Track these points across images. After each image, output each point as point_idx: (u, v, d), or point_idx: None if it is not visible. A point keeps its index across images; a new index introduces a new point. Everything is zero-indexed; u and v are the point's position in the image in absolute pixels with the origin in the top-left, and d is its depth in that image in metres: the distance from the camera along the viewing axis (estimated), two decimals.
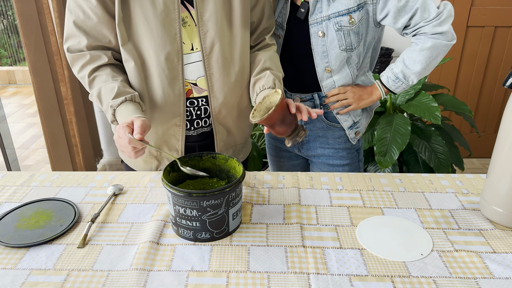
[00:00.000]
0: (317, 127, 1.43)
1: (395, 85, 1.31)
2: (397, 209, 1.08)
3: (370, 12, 1.25)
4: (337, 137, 1.43)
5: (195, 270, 0.88)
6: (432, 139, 1.97)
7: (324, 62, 1.31)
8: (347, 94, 1.34)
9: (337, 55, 1.28)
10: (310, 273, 0.87)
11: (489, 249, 0.93)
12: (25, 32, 2.28)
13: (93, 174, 1.27)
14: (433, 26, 1.19)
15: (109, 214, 1.07)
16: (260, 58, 1.24)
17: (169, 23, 1.10)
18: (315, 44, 1.29)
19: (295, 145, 1.49)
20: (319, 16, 1.26)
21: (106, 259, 0.92)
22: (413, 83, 1.29)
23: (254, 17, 1.23)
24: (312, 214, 1.06)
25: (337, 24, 1.24)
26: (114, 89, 1.09)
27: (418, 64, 1.24)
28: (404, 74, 1.27)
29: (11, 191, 1.18)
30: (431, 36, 1.21)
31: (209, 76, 1.18)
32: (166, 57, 1.12)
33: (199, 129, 1.26)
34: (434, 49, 1.21)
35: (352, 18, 1.23)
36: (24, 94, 5.23)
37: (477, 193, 1.15)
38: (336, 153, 1.45)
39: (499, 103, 3.05)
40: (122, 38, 1.10)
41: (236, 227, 1.01)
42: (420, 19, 1.20)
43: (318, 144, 1.45)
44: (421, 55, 1.23)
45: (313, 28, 1.27)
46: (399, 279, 0.85)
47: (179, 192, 0.92)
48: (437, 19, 1.18)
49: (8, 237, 0.98)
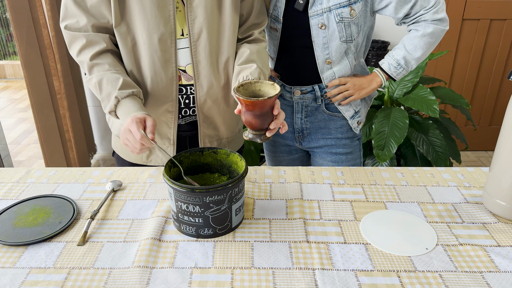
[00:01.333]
0: (318, 119, 1.42)
1: (396, 71, 1.33)
2: (400, 203, 1.08)
3: (368, 2, 1.26)
4: (339, 127, 1.44)
5: (199, 266, 0.87)
6: (430, 132, 1.97)
7: (324, 54, 1.30)
8: (347, 85, 1.35)
9: (338, 47, 1.28)
10: (315, 268, 0.86)
11: (494, 243, 0.93)
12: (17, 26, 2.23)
13: (90, 170, 1.24)
14: (433, 13, 1.24)
15: (109, 211, 1.05)
16: (245, 49, 1.20)
17: (163, 5, 1.09)
18: (315, 36, 1.28)
19: (295, 139, 1.48)
20: (319, 8, 1.25)
21: (107, 256, 0.90)
22: (412, 69, 1.34)
23: (243, 9, 1.21)
24: (315, 209, 1.05)
25: (338, 15, 1.24)
26: (119, 80, 1.08)
27: (419, 50, 1.29)
28: (405, 60, 1.30)
29: (7, 188, 1.16)
30: (431, 23, 1.26)
31: (195, 64, 1.16)
32: (160, 39, 1.11)
33: (187, 117, 1.24)
34: (434, 34, 1.27)
35: (353, 9, 1.24)
36: (14, 88, 5.15)
37: (479, 186, 1.15)
38: (339, 142, 1.45)
39: (494, 96, 3.06)
40: (116, 18, 1.09)
41: (238, 223, 0.99)
42: (420, 7, 1.24)
43: (320, 136, 1.45)
44: (423, 41, 1.27)
45: (314, 20, 1.26)
46: (405, 274, 0.84)
47: (181, 188, 0.90)
48: (435, 7, 1.24)
49: (6, 235, 0.96)
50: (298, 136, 1.47)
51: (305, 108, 1.42)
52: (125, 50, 1.13)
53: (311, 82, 1.38)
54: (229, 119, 1.29)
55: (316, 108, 1.41)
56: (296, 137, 1.48)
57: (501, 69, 2.96)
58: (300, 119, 1.44)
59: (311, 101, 1.40)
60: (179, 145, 1.28)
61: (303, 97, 1.40)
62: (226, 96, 1.24)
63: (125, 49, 1.13)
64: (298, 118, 1.44)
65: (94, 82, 1.10)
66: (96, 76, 1.09)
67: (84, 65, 1.12)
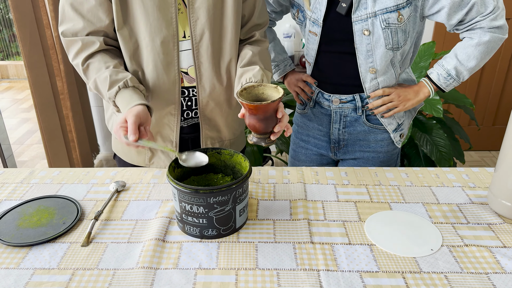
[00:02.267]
0: (357, 130, 1.35)
1: (446, 83, 1.24)
2: (405, 203, 1.07)
3: (418, 8, 1.18)
4: (380, 140, 1.36)
5: (203, 267, 0.87)
6: (434, 132, 1.96)
7: (368, 62, 1.23)
8: (392, 96, 1.27)
9: (383, 55, 1.21)
10: (320, 270, 0.85)
11: (499, 244, 0.93)
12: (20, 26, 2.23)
13: (94, 171, 1.24)
14: (491, 20, 1.14)
15: (113, 211, 1.05)
16: (248, 51, 1.19)
17: (165, 7, 1.08)
18: (359, 42, 1.21)
19: (330, 149, 1.42)
20: (364, 13, 1.17)
21: (111, 257, 0.90)
22: (463, 80, 1.24)
23: (245, 10, 1.20)
24: (319, 210, 1.05)
25: (384, 21, 1.16)
26: (107, 79, 1.06)
27: (473, 60, 1.19)
28: (457, 71, 1.22)
29: (11, 188, 1.16)
30: (488, 30, 1.15)
31: (198, 65, 1.16)
32: (162, 41, 1.11)
33: (189, 119, 1.24)
34: (491, 43, 1.17)
35: (400, 14, 1.15)
36: (17, 89, 5.17)
37: (484, 187, 1.15)
38: (377, 156, 1.38)
39: (498, 95, 3.05)
40: (118, 21, 1.08)
41: (242, 224, 0.99)
42: (477, 13, 1.14)
43: (357, 148, 1.38)
44: (477, 50, 1.18)
45: (357, 25, 1.19)
46: (410, 275, 0.84)
47: (185, 188, 0.90)
48: (493, 13, 1.13)
49: (10, 236, 0.96)
50: (333, 146, 1.41)
51: (343, 118, 1.35)
52: (128, 54, 1.12)
53: (351, 91, 1.30)
54: (231, 120, 1.29)
55: (356, 119, 1.34)
56: (331, 147, 1.42)
57: (504, 68, 2.95)
58: (338, 129, 1.37)
59: (350, 111, 1.33)
60: (182, 148, 1.27)
61: (342, 107, 1.33)
62: (228, 98, 1.24)
63: (128, 52, 1.12)
64: (335, 129, 1.37)
65: (94, 90, 1.11)
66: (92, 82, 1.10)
67: (79, 68, 1.12)
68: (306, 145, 1.48)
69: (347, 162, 1.44)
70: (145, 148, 1.25)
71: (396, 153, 1.43)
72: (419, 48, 2.13)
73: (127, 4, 1.08)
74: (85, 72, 1.11)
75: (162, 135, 1.22)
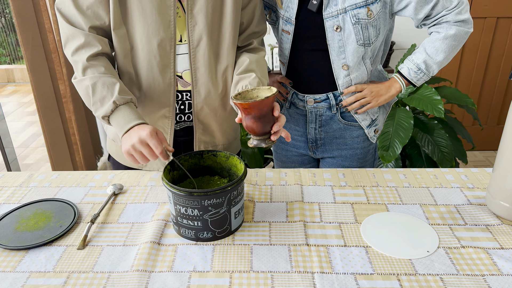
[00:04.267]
0: (333, 128, 1.37)
1: (416, 77, 1.26)
2: (402, 205, 1.07)
3: (387, 4, 1.20)
4: (355, 137, 1.37)
5: (197, 270, 0.87)
6: (435, 132, 1.95)
7: (340, 58, 1.24)
8: (364, 92, 1.28)
9: (355, 50, 1.22)
10: (314, 272, 0.85)
11: (497, 245, 0.92)
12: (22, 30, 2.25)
13: (92, 174, 1.25)
14: (456, 14, 1.18)
15: (109, 214, 1.06)
16: (245, 58, 1.19)
17: (164, 10, 1.08)
18: (330, 39, 1.22)
19: (309, 148, 1.43)
20: (334, 9, 1.19)
21: (106, 260, 0.90)
22: (433, 74, 1.26)
23: (244, 17, 1.20)
24: (315, 212, 1.04)
25: (354, 17, 1.17)
26: (116, 85, 1.05)
27: (441, 53, 1.22)
28: (426, 65, 1.24)
29: (10, 191, 1.17)
30: (454, 24, 1.19)
31: (194, 70, 1.16)
32: (159, 44, 1.10)
33: (182, 123, 1.24)
34: (457, 36, 1.20)
35: (370, 10, 1.17)
36: (23, 92, 5.21)
37: (482, 187, 1.14)
38: (355, 152, 1.39)
39: (502, 94, 3.02)
40: (115, 20, 1.07)
41: (238, 226, 0.99)
42: (442, 8, 1.18)
43: (335, 146, 1.39)
44: (445, 44, 1.21)
45: (328, 22, 1.20)
46: (405, 277, 0.83)
47: (180, 191, 0.90)
48: (458, 7, 1.17)
49: (7, 239, 0.96)
50: (311, 146, 1.42)
51: (319, 118, 1.36)
52: (122, 53, 1.12)
53: (325, 89, 1.32)
54: (226, 126, 1.28)
55: (331, 117, 1.35)
56: (309, 146, 1.42)
57: (508, 67, 2.92)
58: (314, 129, 1.38)
59: (325, 110, 1.34)
60: (175, 151, 1.27)
61: (317, 106, 1.34)
62: (223, 104, 1.23)
63: (123, 52, 1.12)
64: (312, 128, 1.38)
65: (87, 85, 1.06)
66: (91, 78, 1.06)
67: (78, 65, 1.08)
68: (286, 146, 1.49)
69: (326, 160, 1.45)
70: None
71: (373, 148, 1.45)
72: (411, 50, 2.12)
73: (125, 4, 1.08)
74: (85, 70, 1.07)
75: None
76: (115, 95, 1.04)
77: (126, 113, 1.04)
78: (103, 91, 1.05)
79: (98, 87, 1.06)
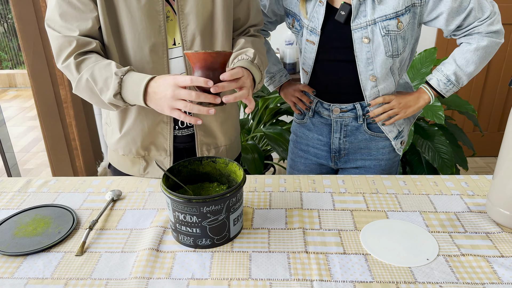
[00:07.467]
0: (358, 139, 1.35)
1: (446, 88, 1.24)
2: (402, 212, 1.06)
3: (417, 14, 1.18)
4: (381, 148, 1.36)
5: (196, 278, 0.86)
6: (436, 139, 1.94)
7: (368, 70, 1.22)
8: (392, 103, 1.27)
9: (383, 62, 1.20)
10: (313, 280, 0.85)
11: (497, 253, 0.91)
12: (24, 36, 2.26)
13: (90, 179, 1.25)
14: (488, 25, 1.16)
15: (108, 221, 1.05)
16: (241, 39, 1.18)
17: (154, 15, 1.08)
18: (358, 50, 1.20)
19: (330, 158, 1.41)
20: (363, 20, 1.17)
21: (105, 267, 0.90)
22: (463, 85, 1.25)
23: (239, 13, 1.20)
24: (314, 219, 1.04)
25: (384, 28, 1.16)
26: (112, 63, 1.03)
27: (472, 65, 1.20)
28: (456, 76, 1.22)
29: (8, 197, 1.16)
30: (486, 35, 1.17)
31: (190, 72, 1.16)
32: (151, 49, 1.10)
33: (184, 129, 1.23)
34: (489, 48, 1.18)
35: (400, 21, 1.15)
36: (24, 97, 5.22)
37: (483, 194, 1.13)
38: (378, 165, 1.38)
39: (502, 101, 3.02)
40: (106, 31, 1.07)
41: (237, 233, 0.99)
42: (474, 19, 1.15)
43: (359, 156, 1.37)
44: (476, 55, 1.19)
45: (357, 33, 1.18)
46: (404, 285, 0.83)
47: (178, 198, 0.89)
48: (490, 18, 1.15)
49: (5, 245, 0.96)
50: (334, 156, 1.40)
51: (344, 128, 1.34)
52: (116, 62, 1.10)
53: (350, 100, 1.30)
54: (227, 126, 1.29)
55: (357, 128, 1.33)
56: (331, 157, 1.40)
57: (509, 73, 2.92)
58: (339, 139, 1.36)
59: (351, 120, 1.32)
60: (177, 157, 1.27)
61: (343, 116, 1.32)
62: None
63: (115, 61, 1.10)
64: (336, 138, 1.36)
65: (86, 78, 1.04)
66: (86, 71, 1.04)
67: (71, 66, 1.06)
68: (306, 154, 1.47)
69: (348, 171, 1.43)
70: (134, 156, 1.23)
71: (397, 161, 1.42)
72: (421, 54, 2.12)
73: (114, 14, 1.07)
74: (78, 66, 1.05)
75: (156, 144, 1.22)
76: (114, 70, 1.02)
77: (133, 77, 1.01)
78: (103, 74, 1.02)
79: (96, 74, 1.03)
